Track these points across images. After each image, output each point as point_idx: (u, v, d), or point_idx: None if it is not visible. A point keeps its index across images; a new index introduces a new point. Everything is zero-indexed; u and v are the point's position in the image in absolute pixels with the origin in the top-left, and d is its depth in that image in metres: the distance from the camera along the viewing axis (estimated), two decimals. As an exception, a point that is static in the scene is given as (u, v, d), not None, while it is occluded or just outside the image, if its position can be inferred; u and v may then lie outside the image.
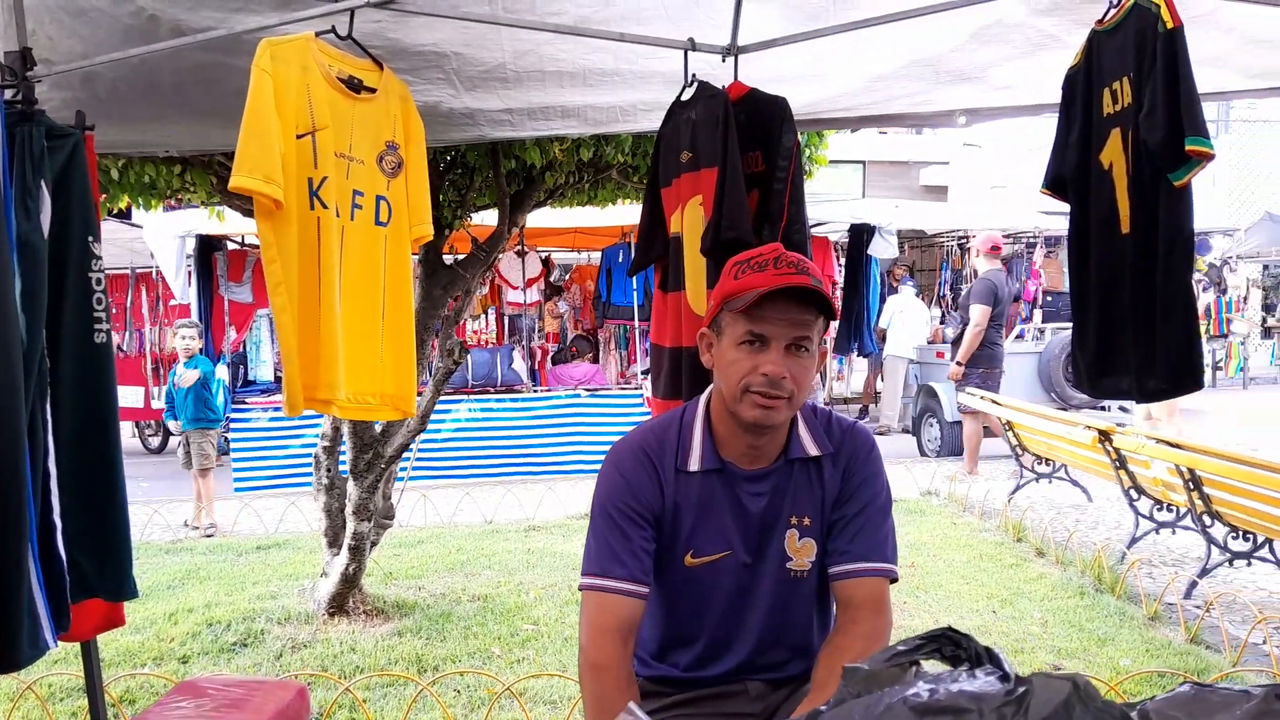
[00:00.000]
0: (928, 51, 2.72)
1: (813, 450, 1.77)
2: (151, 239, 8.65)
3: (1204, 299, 13.13)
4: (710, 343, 1.74)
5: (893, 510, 1.82)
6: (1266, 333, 16.23)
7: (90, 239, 2.42)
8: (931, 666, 0.97)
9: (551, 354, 10.36)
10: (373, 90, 2.51)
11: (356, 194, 2.49)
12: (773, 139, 2.45)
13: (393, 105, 2.56)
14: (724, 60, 2.56)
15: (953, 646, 0.96)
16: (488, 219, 5.07)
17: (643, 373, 9.69)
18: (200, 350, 7.16)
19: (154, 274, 9.88)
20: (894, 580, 1.75)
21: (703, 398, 1.81)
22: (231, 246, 9.28)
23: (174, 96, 2.78)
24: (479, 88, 2.75)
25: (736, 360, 1.65)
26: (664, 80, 2.73)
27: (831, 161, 5.66)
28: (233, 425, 8.04)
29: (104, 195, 3.87)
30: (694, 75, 2.54)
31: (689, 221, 2.51)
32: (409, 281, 2.64)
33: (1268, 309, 17.10)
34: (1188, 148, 2.19)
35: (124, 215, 9.09)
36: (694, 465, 1.74)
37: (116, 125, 2.95)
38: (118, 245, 9.24)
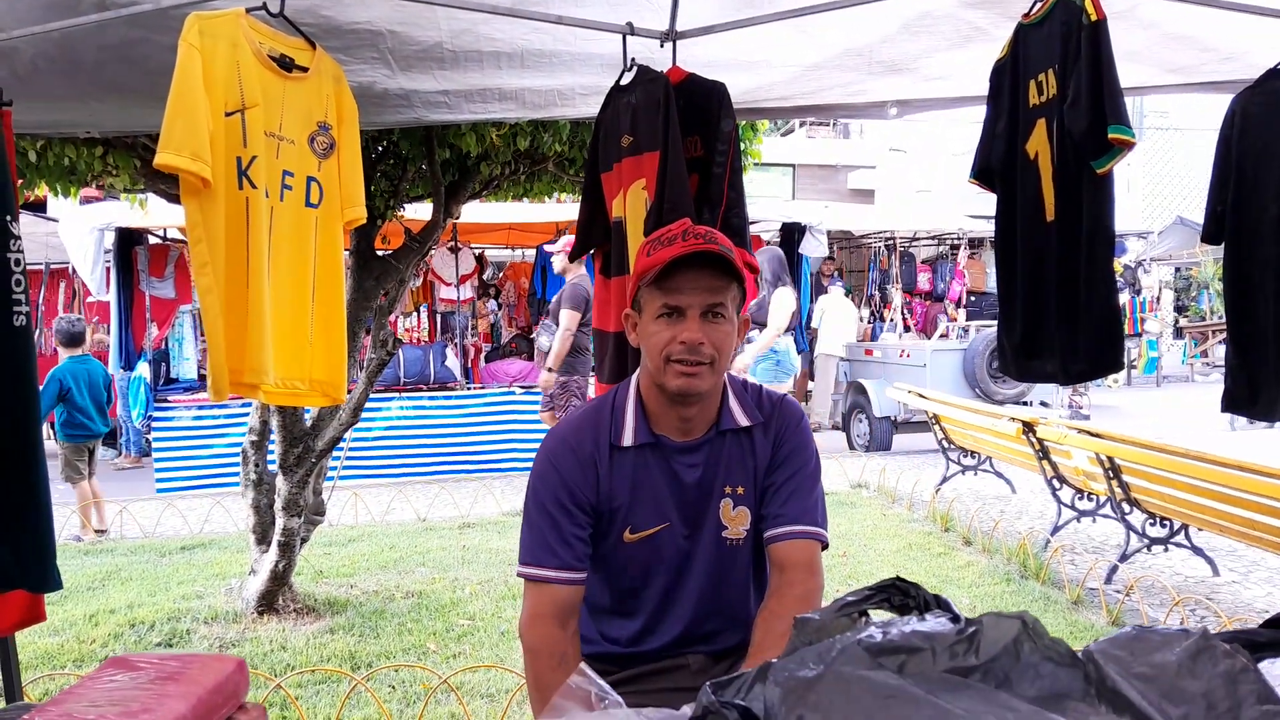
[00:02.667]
0: (860, 41, 2.76)
1: (743, 421, 1.79)
2: (66, 233, 8.35)
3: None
4: (635, 322, 1.76)
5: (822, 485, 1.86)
6: (1178, 333, 16.83)
7: (8, 219, 2.33)
8: (880, 618, 0.98)
9: (485, 351, 10.27)
10: (305, 69, 2.45)
11: (286, 174, 2.44)
12: (711, 124, 2.47)
13: (325, 85, 2.51)
14: (662, 45, 2.56)
15: (901, 596, 0.97)
16: (420, 212, 5.01)
17: (577, 370, 9.66)
18: (85, 349, 6.52)
19: (70, 269, 9.54)
20: (825, 546, 1.77)
21: (633, 378, 1.83)
22: (153, 240, 9.01)
23: (97, 74, 2.68)
24: (414, 68, 2.71)
25: (656, 332, 1.67)
26: (602, 64, 2.72)
27: (762, 164, 5.68)
28: (155, 424, 7.81)
29: (20, 180, 3.72)
30: (633, 59, 2.54)
31: (631, 206, 2.51)
32: (340, 265, 2.59)
33: (1179, 310, 17.74)
34: (1110, 135, 2.26)
35: (38, 208, 8.79)
36: (628, 440, 1.75)
37: (36, 104, 2.83)
38: (31, 240, 8.89)
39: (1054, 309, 2.51)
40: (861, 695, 0.77)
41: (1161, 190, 23.76)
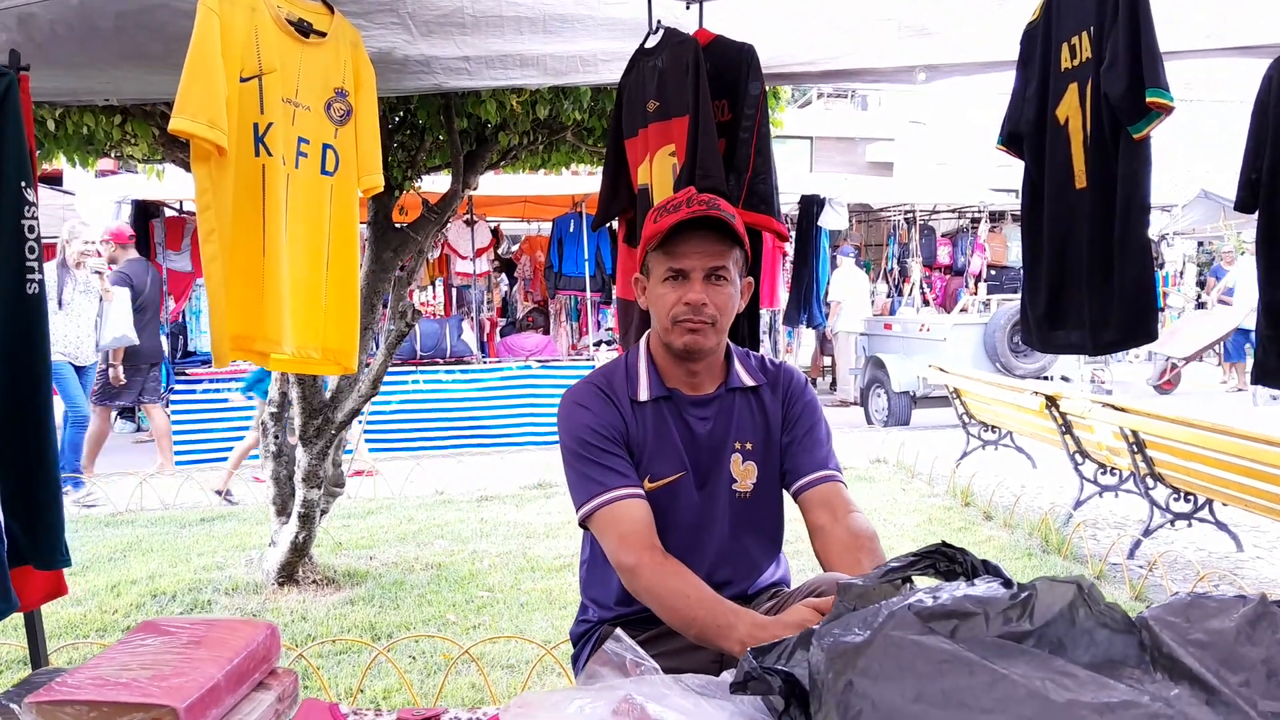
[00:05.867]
0: (890, 5, 2.70)
1: (749, 381, 1.92)
2: (84, 206, 8.36)
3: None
4: (644, 286, 1.88)
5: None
6: (1200, 307, 16.60)
7: (24, 184, 2.30)
8: (925, 584, 0.95)
9: (501, 325, 10.26)
10: (323, 34, 2.43)
11: (301, 141, 2.41)
12: (739, 88, 2.42)
13: (343, 50, 2.48)
14: (688, 7, 2.52)
15: (947, 562, 0.95)
16: (437, 184, 4.97)
17: (595, 344, 9.65)
18: None
19: (88, 243, 9.53)
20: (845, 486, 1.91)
21: (643, 340, 1.94)
22: (169, 213, 9.01)
23: (115, 41, 2.66)
24: (435, 33, 2.67)
25: (663, 295, 1.79)
26: (626, 28, 2.67)
27: (780, 136, 5.61)
28: (173, 397, 7.84)
29: (39, 150, 3.70)
30: (659, 21, 2.50)
31: (658, 172, 2.47)
32: (355, 233, 2.57)
33: (1201, 284, 17.51)
34: (1148, 99, 2.21)
35: (55, 181, 8.80)
36: (644, 395, 1.87)
37: (55, 71, 2.81)
38: (48, 213, 8.87)
39: (1083, 278, 2.46)
40: (914, 660, 0.74)
41: (1186, 163, 23.42)
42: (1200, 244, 15.46)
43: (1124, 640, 0.81)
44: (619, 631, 1.04)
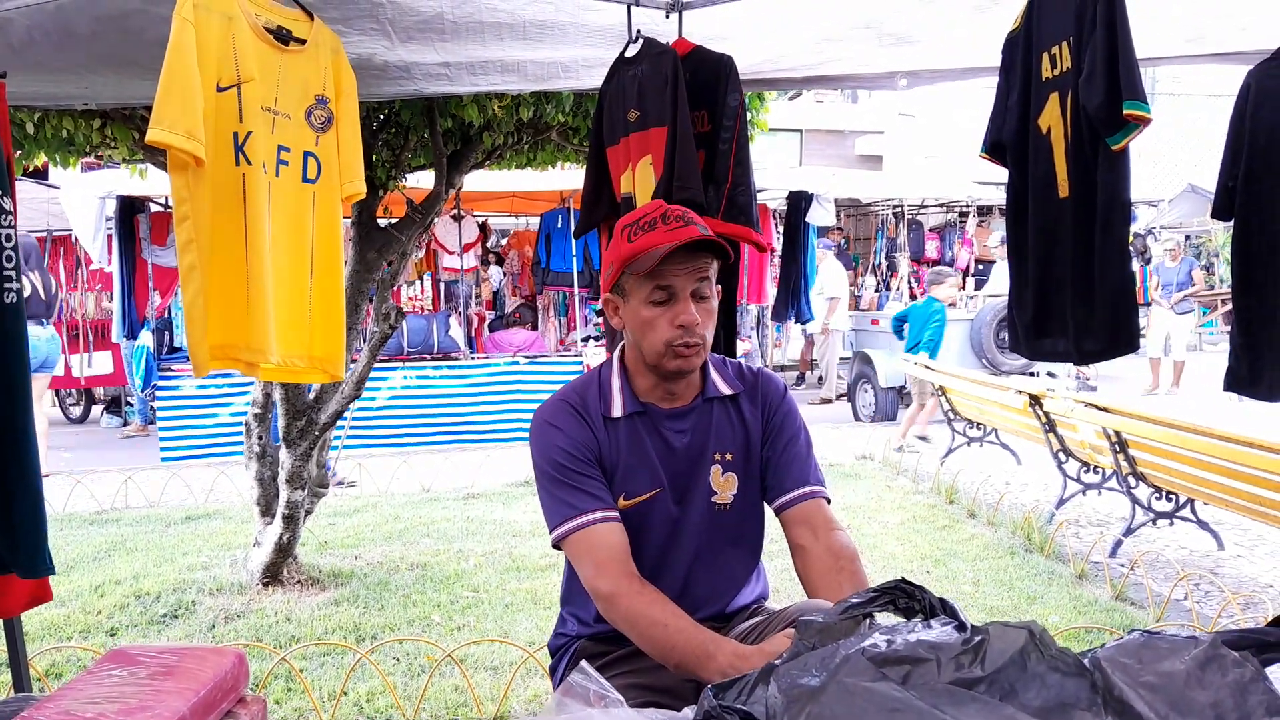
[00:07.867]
0: (871, 12, 2.70)
1: (726, 390, 1.88)
2: (68, 201, 8.29)
3: (1128, 268, 13.31)
4: (617, 306, 1.82)
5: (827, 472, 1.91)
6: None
7: (0, 193, 2.30)
8: (885, 619, 0.96)
9: (489, 321, 10.24)
10: (302, 41, 2.42)
11: (281, 149, 2.40)
12: (718, 98, 2.42)
13: (323, 57, 2.47)
14: (667, 16, 2.51)
15: (906, 598, 0.96)
16: (423, 181, 4.96)
17: (583, 340, 9.64)
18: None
19: (72, 237, 9.50)
20: (828, 501, 1.88)
21: (616, 354, 1.89)
22: (155, 208, 8.94)
23: (93, 46, 2.64)
24: (415, 39, 2.66)
25: (653, 319, 1.73)
26: (606, 36, 2.67)
27: (769, 130, 5.60)
28: (158, 393, 7.81)
29: (19, 151, 3.68)
30: (638, 31, 2.50)
31: (640, 181, 2.47)
32: (339, 241, 2.56)
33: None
34: (1125, 112, 2.21)
35: (40, 176, 8.74)
36: (617, 411, 1.83)
37: (32, 75, 2.80)
38: (33, 207, 8.85)
39: (1067, 287, 2.47)
40: (865, 708, 0.75)
41: (1173, 157, 23.50)
42: (1188, 238, 15.53)
43: (1075, 683, 0.82)
44: (584, 664, 1.05)
